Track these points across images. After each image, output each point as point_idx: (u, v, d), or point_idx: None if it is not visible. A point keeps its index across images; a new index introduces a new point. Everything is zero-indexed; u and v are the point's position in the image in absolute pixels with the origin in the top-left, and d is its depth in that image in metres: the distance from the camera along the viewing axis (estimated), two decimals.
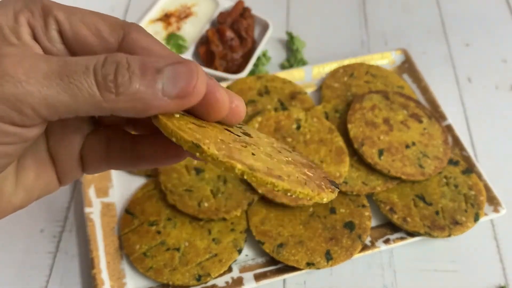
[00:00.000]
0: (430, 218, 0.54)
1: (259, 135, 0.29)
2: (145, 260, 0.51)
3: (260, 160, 0.23)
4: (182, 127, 0.22)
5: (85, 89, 0.21)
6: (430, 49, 0.77)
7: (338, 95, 0.66)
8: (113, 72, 0.21)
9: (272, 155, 0.26)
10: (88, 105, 0.21)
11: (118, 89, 0.21)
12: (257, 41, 0.74)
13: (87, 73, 0.21)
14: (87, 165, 0.29)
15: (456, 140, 0.61)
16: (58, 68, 0.21)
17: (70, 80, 0.20)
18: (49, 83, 0.20)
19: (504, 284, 0.53)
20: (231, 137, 0.25)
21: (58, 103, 0.21)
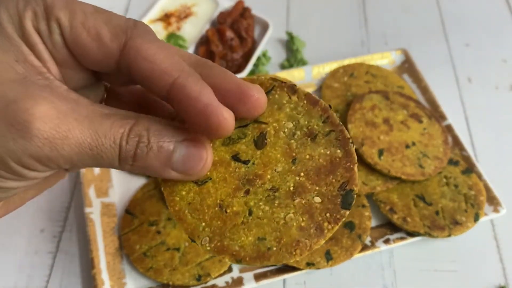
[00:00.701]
0: (430, 218, 0.54)
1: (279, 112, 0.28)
2: (145, 260, 0.51)
3: (254, 227, 0.26)
4: (182, 208, 0.27)
5: (107, 159, 0.24)
6: (430, 49, 0.77)
7: (338, 95, 0.66)
8: (134, 148, 0.24)
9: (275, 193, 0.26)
10: (104, 167, 0.25)
11: (135, 162, 0.24)
12: (257, 41, 0.74)
13: (113, 147, 0.23)
14: None
15: (456, 140, 0.61)
16: (90, 138, 0.23)
17: (98, 152, 0.23)
18: (80, 152, 0.23)
19: (504, 284, 0.53)
20: (235, 184, 0.27)
21: (81, 164, 0.24)
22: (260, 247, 0.26)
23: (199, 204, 0.27)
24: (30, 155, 0.22)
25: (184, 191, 0.27)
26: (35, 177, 0.24)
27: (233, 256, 0.26)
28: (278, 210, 0.26)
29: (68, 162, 0.23)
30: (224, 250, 0.26)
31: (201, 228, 0.26)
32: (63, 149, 0.22)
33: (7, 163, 0.22)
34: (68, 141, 0.22)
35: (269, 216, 0.26)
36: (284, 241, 0.26)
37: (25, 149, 0.22)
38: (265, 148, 0.27)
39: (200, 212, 0.27)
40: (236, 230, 0.26)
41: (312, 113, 0.27)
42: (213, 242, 0.26)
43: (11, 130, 0.22)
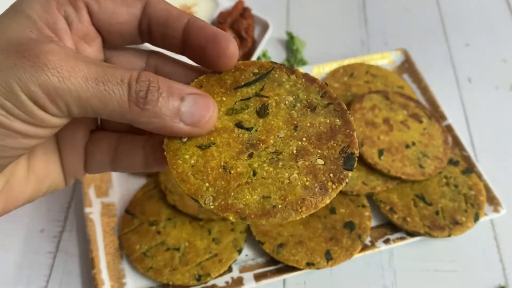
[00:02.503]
0: (430, 218, 0.54)
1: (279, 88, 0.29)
2: (145, 260, 0.51)
3: (258, 186, 0.26)
4: (185, 170, 0.27)
5: (115, 98, 0.23)
6: (430, 49, 0.77)
7: (338, 95, 0.66)
8: (145, 89, 0.24)
9: (278, 156, 0.27)
10: (113, 112, 0.24)
11: (145, 105, 0.24)
12: (257, 41, 0.74)
13: (121, 84, 0.24)
14: (91, 163, 0.31)
15: (456, 140, 0.61)
16: (96, 74, 0.23)
17: (104, 88, 0.23)
18: (86, 86, 0.23)
19: (504, 284, 0.53)
20: (239, 148, 0.27)
21: (88, 105, 0.23)
22: (265, 205, 0.26)
23: (202, 166, 0.27)
24: (39, 84, 0.22)
25: (187, 155, 0.27)
26: (42, 121, 0.23)
27: (237, 214, 0.26)
28: (282, 171, 0.27)
29: (76, 101, 0.23)
30: (228, 208, 0.26)
31: (204, 188, 0.26)
32: (70, 81, 0.22)
33: (15, 93, 0.22)
34: (75, 73, 0.23)
35: (274, 176, 0.27)
36: (289, 199, 0.26)
37: (34, 77, 0.22)
38: (267, 117, 0.28)
39: (203, 174, 0.27)
40: (240, 189, 0.26)
41: (311, 89, 0.29)
42: (216, 201, 0.26)
43: (21, 60, 0.22)
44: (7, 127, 0.23)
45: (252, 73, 0.29)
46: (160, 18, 0.28)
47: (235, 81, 0.29)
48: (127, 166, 0.31)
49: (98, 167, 0.31)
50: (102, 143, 0.31)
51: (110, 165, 0.31)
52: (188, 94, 0.25)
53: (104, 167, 0.31)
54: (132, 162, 0.31)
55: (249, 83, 0.29)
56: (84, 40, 0.27)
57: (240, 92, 0.29)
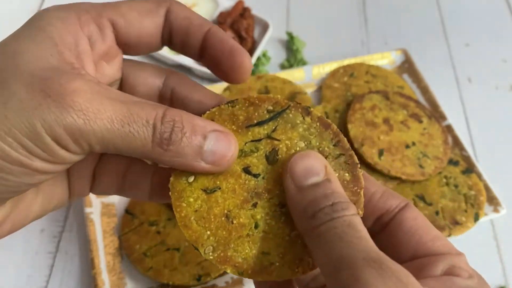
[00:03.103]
0: (430, 218, 0.54)
1: (292, 131, 0.28)
2: (145, 260, 0.51)
3: (259, 241, 0.26)
4: (188, 215, 0.26)
5: (139, 139, 0.23)
6: (430, 49, 0.77)
7: (338, 95, 0.66)
8: (170, 130, 0.24)
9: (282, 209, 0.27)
10: (135, 151, 0.24)
11: (169, 146, 0.24)
12: (257, 41, 0.74)
13: (146, 126, 0.23)
14: (97, 184, 0.31)
15: (456, 140, 0.61)
16: (122, 115, 0.23)
17: (130, 129, 0.23)
18: (112, 127, 0.23)
19: (504, 284, 0.53)
20: (244, 196, 0.27)
21: (111, 144, 0.23)
22: (264, 261, 0.26)
23: (206, 212, 0.27)
24: (64, 126, 0.22)
25: (192, 198, 0.27)
26: (63, 160, 0.23)
27: (235, 268, 0.25)
28: (284, 226, 0.26)
29: (99, 141, 0.23)
30: (226, 260, 0.26)
31: (205, 237, 0.26)
32: (96, 123, 0.22)
33: (39, 134, 0.22)
34: (100, 115, 0.22)
35: (275, 231, 0.26)
36: (288, 258, 0.26)
37: (59, 119, 0.22)
38: (276, 163, 0.27)
39: (206, 220, 0.26)
40: (241, 242, 0.26)
41: (324, 136, 0.28)
42: (216, 252, 0.26)
43: (46, 100, 0.22)
44: (27, 167, 0.23)
45: (266, 110, 0.28)
46: (182, 26, 0.28)
47: (248, 118, 0.28)
48: (132, 194, 0.31)
49: (104, 189, 0.31)
50: (111, 167, 0.30)
51: (116, 190, 0.31)
52: (210, 131, 0.25)
53: (110, 190, 0.31)
54: (138, 191, 0.30)
55: (262, 122, 0.28)
56: (105, 59, 0.27)
57: (252, 131, 0.28)
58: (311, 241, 0.23)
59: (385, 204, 0.27)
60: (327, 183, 0.25)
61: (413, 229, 0.26)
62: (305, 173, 0.25)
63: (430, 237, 0.25)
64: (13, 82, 0.22)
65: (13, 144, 0.22)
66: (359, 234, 0.22)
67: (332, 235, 0.22)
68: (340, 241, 0.22)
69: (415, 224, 0.26)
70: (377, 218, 0.27)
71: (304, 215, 0.24)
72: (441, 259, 0.24)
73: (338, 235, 0.22)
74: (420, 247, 0.25)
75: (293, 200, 0.25)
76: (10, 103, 0.22)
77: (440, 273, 0.24)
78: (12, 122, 0.21)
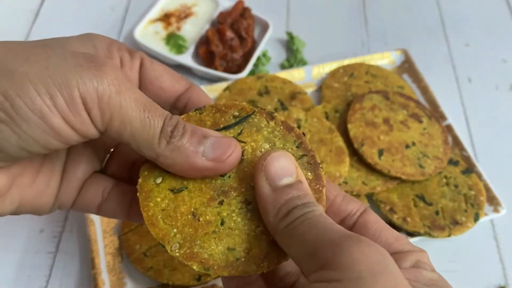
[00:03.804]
0: (430, 218, 0.54)
1: (257, 134, 0.30)
2: (145, 260, 0.51)
3: (225, 237, 0.26)
4: (155, 214, 0.27)
5: (152, 128, 0.25)
6: (430, 49, 0.77)
7: (338, 95, 0.66)
8: (173, 126, 0.26)
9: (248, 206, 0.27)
10: (144, 139, 0.26)
11: (171, 139, 0.26)
12: (257, 41, 0.74)
13: (160, 118, 0.26)
14: (81, 200, 0.31)
15: (456, 140, 0.61)
16: (145, 101, 0.26)
17: (148, 116, 0.25)
18: (136, 107, 0.25)
19: (504, 284, 0.53)
20: (210, 194, 0.27)
21: (129, 125, 0.25)
22: (229, 257, 0.26)
23: (172, 211, 0.27)
24: (96, 89, 0.23)
25: (159, 198, 0.27)
26: (80, 124, 0.24)
27: (201, 264, 0.26)
28: (249, 223, 0.27)
29: (120, 116, 0.25)
30: (193, 257, 0.26)
31: (172, 234, 0.27)
32: (124, 97, 0.24)
33: (71, 88, 0.23)
34: (129, 93, 0.25)
35: (241, 228, 0.27)
36: (253, 253, 0.26)
37: (95, 79, 0.23)
38: (241, 163, 0.28)
39: (172, 219, 0.27)
40: (207, 238, 0.26)
41: (287, 138, 0.29)
42: (182, 249, 0.26)
43: (88, 64, 0.24)
44: (46, 119, 0.23)
45: (232, 115, 0.29)
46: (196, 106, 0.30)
47: (214, 123, 0.29)
48: (111, 211, 0.32)
49: (85, 205, 0.32)
50: (97, 183, 0.32)
51: (97, 207, 0.32)
52: (211, 135, 0.27)
53: (91, 207, 0.32)
54: (117, 209, 0.31)
55: (228, 127, 0.29)
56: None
57: None
58: (283, 236, 0.25)
59: (347, 207, 0.29)
60: (299, 184, 0.26)
61: (378, 231, 0.28)
62: (279, 173, 0.26)
63: (394, 238, 0.28)
64: (59, 49, 0.25)
65: (42, 91, 0.22)
66: (330, 221, 0.24)
67: (306, 225, 0.23)
68: (315, 228, 0.23)
69: (379, 226, 0.28)
70: (341, 220, 0.29)
71: (278, 214, 0.25)
72: (408, 255, 0.27)
73: (312, 223, 0.23)
74: (387, 247, 0.27)
75: (266, 199, 0.25)
76: (53, 58, 0.23)
77: (409, 266, 0.26)
78: (50, 73, 0.23)
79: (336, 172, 0.57)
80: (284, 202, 0.25)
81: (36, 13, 0.79)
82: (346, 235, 0.22)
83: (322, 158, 0.58)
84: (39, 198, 0.29)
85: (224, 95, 0.65)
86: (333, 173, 0.56)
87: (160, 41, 0.73)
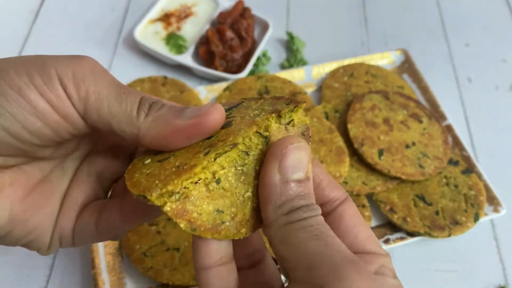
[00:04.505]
0: (430, 218, 0.54)
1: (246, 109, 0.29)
2: (145, 260, 0.51)
3: (217, 197, 0.25)
4: (139, 179, 0.26)
5: (130, 102, 0.26)
6: (430, 49, 0.77)
7: (338, 95, 0.66)
8: (152, 101, 0.27)
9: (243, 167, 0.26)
10: (123, 114, 0.26)
11: (150, 111, 0.26)
12: (257, 41, 0.74)
13: (137, 96, 0.27)
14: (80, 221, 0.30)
15: (456, 140, 0.61)
16: (120, 83, 0.27)
17: (124, 91, 0.26)
18: (110, 84, 0.26)
19: (504, 284, 0.53)
20: (197, 150, 0.26)
21: (106, 100, 0.26)
22: (216, 219, 0.25)
23: (157, 171, 0.26)
24: (72, 68, 0.25)
25: (145, 169, 0.26)
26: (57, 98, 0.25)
27: (189, 223, 0.24)
28: (240, 186, 0.26)
29: (95, 93, 0.26)
30: (183, 214, 0.24)
31: (154, 185, 0.24)
32: (100, 77, 0.26)
33: (46, 67, 0.25)
34: (104, 74, 0.26)
35: (233, 190, 0.26)
36: (237, 218, 0.26)
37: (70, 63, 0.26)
38: (229, 127, 0.27)
39: (155, 176, 0.25)
40: (198, 189, 0.25)
41: (277, 103, 0.28)
42: (175, 203, 0.24)
43: (61, 56, 0.26)
44: (22, 92, 0.24)
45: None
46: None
47: None
48: (109, 224, 0.30)
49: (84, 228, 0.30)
50: (93, 206, 0.31)
51: (95, 225, 0.30)
52: (190, 106, 0.27)
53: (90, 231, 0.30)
54: (111, 218, 0.30)
55: None
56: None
57: None
58: (278, 232, 0.24)
59: (330, 194, 0.29)
60: (307, 181, 0.26)
61: (351, 225, 0.28)
62: (294, 166, 0.25)
63: (365, 236, 0.28)
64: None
65: (20, 71, 0.25)
66: (331, 233, 0.24)
67: (307, 232, 0.23)
68: (316, 239, 0.23)
69: (354, 221, 0.28)
70: (320, 205, 0.28)
71: (280, 208, 0.25)
72: (375, 257, 0.27)
73: (313, 233, 0.23)
74: (355, 244, 0.27)
75: (272, 189, 0.25)
76: (36, 56, 0.26)
77: (374, 270, 0.26)
78: (30, 60, 0.25)
79: (336, 172, 0.57)
80: (289, 198, 0.24)
81: (36, 13, 0.79)
82: (348, 259, 0.22)
83: (322, 158, 0.58)
84: (32, 217, 0.28)
85: (224, 95, 0.65)
86: (333, 173, 0.56)
87: (160, 41, 0.73)
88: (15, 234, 0.28)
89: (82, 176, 0.31)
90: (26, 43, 0.75)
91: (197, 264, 0.26)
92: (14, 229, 0.27)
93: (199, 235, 0.25)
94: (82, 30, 0.77)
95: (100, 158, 0.32)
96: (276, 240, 0.25)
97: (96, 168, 0.32)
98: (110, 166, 0.32)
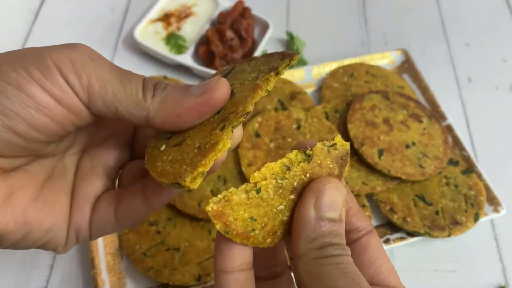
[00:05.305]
0: (430, 218, 0.54)
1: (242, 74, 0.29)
2: (145, 260, 0.51)
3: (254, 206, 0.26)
4: (164, 167, 0.26)
5: (134, 83, 0.26)
6: (430, 49, 0.77)
7: (338, 95, 0.66)
8: (155, 82, 0.27)
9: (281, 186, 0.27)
10: (129, 98, 0.26)
11: (156, 91, 0.26)
12: (257, 41, 0.74)
13: (139, 77, 0.26)
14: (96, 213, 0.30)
15: (456, 140, 0.61)
16: (119, 67, 0.26)
17: (126, 75, 0.26)
18: (111, 69, 0.26)
19: (504, 284, 0.53)
20: (211, 127, 0.27)
21: (109, 86, 0.25)
22: (248, 226, 0.26)
23: (179, 156, 0.26)
24: (70, 59, 0.25)
25: (165, 156, 0.27)
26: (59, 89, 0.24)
27: (224, 226, 0.25)
28: (276, 198, 0.27)
29: (99, 78, 0.25)
30: (221, 216, 0.25)
31: (183, 171, 0.25)
32: (99, 63, 0.25)
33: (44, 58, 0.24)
34: (102, 59, 0.26)
35: (269, 201, 0.27)
36: (266, 229, 0.27)
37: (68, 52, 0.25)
38: (233, 97, 0.28)
39: (180, 161, 0.26)
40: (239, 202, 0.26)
41: (271, 60, 0.29)
42: (216, 205, 0.25)
43: (59, 46, 0.25)
44: (23, 88, 0.23)
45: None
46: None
47: None
48: (131, 211, 0.30)
49: (102, 223, 0.30)
50: (108, 196, 0.31)
51: (114, 214, 0.30)
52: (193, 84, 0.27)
53: (109, 220, 0.30)
54: (133, 205, 0.30)
55: None
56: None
57: None
58: (308, 265, 0.25)
59: (357, 222, 0.29)
60: (340, 223, 0.26)
61: (375, 256, 0.29)
62: (329, 205, 0.26)
63: (386, 268, 0.29)
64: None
65: (16, 66, 0.24)
66: (359, 273, 0.25)
67: (338, 268, 0.24)
68: (344, 277, 0.24)
69: (377, 253, 0.29)
70: (347, 232, 0.29)
71: (312, 243, 0.25)
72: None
73: (343, 270, 0.24)
74: (376, 275, 0.28)
75: (306, 224, 0.26)
76: (28, 48, 0.25)
77: None
78: (24, 54, 0.24)
79: None
80: (322, 234, 0.25)
81: (36, 13, 0.79)
82: None
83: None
84: (46, 216, 0.28)
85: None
86: None
87: (160, 41, 0.73)
88: (32, 236, 0.27)
89: (86, 169, 0.31)
90: (26, 43, 0.75)
91: (218, 266, 0.27)
92: (31, 231, 0.27)
93: (230, 238, 0.26)
94: (82, 30, 0.77)
95: (101, 150, 0.31)
96: (304, 272, 0.25)
97: (99, 160, 0.31)
98: (112, 156, 0.31)
